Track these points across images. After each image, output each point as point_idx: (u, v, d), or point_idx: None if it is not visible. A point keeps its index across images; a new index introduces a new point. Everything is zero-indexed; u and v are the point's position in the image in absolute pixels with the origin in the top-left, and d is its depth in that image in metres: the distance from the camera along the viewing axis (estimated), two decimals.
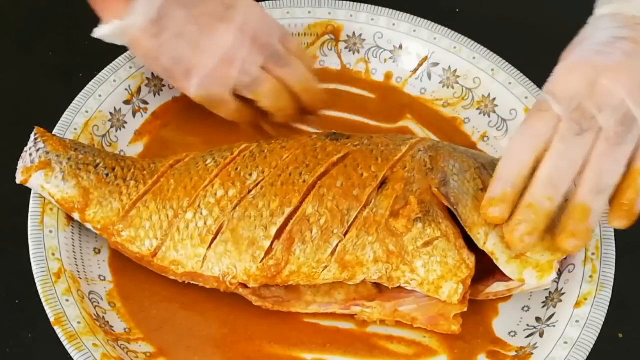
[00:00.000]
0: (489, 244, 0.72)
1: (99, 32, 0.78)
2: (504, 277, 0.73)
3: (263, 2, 0.90)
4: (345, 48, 0.92)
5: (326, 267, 0.73)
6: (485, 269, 0.73)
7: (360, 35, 0.92)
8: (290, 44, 0.82)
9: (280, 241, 0.73)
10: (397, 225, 0.72)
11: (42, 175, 0.75)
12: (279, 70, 0.80)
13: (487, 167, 0.76)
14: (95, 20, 0.78)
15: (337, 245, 0.73)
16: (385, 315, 0.75)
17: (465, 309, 0.73)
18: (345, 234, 0.73)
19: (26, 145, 0.77)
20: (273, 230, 0.73)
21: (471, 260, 0.72)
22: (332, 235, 0.73)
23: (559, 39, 0.96)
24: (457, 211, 0.72)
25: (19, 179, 0.76)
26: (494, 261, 0.72)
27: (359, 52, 0.93)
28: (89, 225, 0.76)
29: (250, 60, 0.78)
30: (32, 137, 0.77)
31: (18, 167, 0.76)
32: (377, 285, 0.75)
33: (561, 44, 0.95)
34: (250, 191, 0.75)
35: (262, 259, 0.73)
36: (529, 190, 0.66)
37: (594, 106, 0.63)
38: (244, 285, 0.74)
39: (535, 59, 0.75)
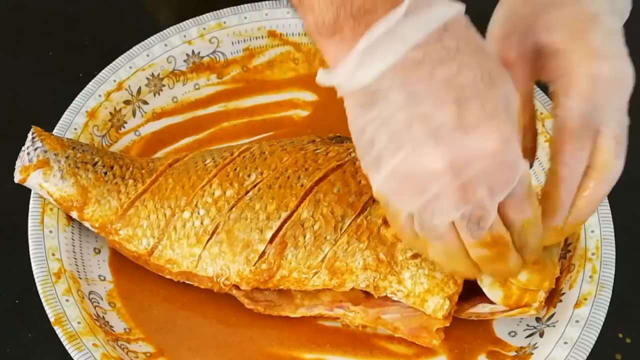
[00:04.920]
0: None
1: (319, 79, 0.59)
2: (490, 300, 0.72)
3: (263, 2, 0.90)
4: None
5: (316, 273, 0.73)
6: (473, 289, 0.72)
7: None
8: (518, 205, 0.59)
9: (272, 245, 0.73)
10: (387, 234, 0.72)
11: (40, 174, 0.75)
12: (466, 242, 0.60)
13: None
14: (95, 21, 0.77)
15: (328, 252, 0.73)
16: (368, 321, 0.74)
17: (448, 324, 0.73)
18: (336, 242, 0.73)
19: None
20: (268, 234, 0.73)
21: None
22: (324, 242, 0.73)
23: None
24: None
25: (17, 178, 0.76)
26: (478, 282, 0.71)
27: None
28: (87, 224, 0.76)
29: (444, 204, 0.57)
30: (30, 136, 0.77)
31: (16, 166, 0.76)
32: (364, 290, 0.75)
33: None
34: (247, 192, 0.74)
35: (256, 262, 0.73)
36: (580, 216, 0.64)
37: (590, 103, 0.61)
38: (238, 287, 0.74)
39: None
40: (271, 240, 0.73)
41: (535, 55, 0.63)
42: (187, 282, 0.75)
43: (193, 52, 0.89)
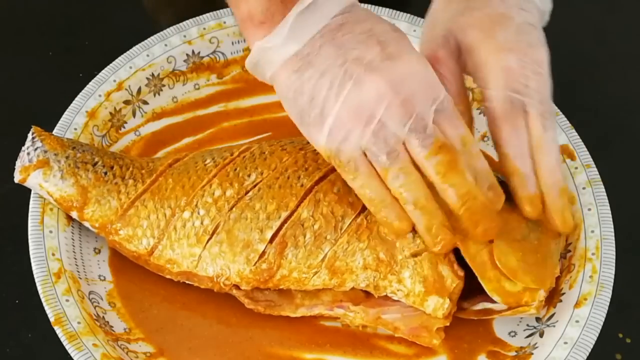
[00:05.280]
0: (477, 260, 0.71)
1: (248, 64, 0.69)
2: (490, 298, 0.72)
3: None
4: None
5: (316, 272, 0.73)
6: (474, 287, 0.72)
7: None
8: (450, 120, 0.67)
9: (272, 245, 0.73)
10: (387, 234, 0.72)
11: (40, 174, 0.75)
12: (420, 157, 0.66)
13: None
14: (95, 21, 0.78)
15: (328, 251, 0.73)
16: (368, 321, 0.74)
17: (448, 324, 0.73)
18: (337, 241, 0.73)
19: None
20: (269, 234, 0.73)
21: (460, 275, 0.72)
22: (324, 241, 0.73)
23: (559, 39, 0.96)
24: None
25: (17, 178, 0.76)
26: (479, 278, 0.71)
27: None
28: (87, 224, 0.76)
29: (391, 126, 0.65)
30: (30, 136, 0.77)
31: (16, 166, 0.76)
32: (365, 290, 0.75)
33: (562, 45, 0.95)
34: (247, 192, 0.74)
35: (256, 262, 0.73)
36: (551, 177, 0.70)
37: (516, 91, 0.70)
38: (238, 287, 0.74)
39: None
40: (271, 240, 0.73)
41: (458, 53, 0.73)
42: (187, 282, 0.75)
43: (193, 52, 0.89)
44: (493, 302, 0.72)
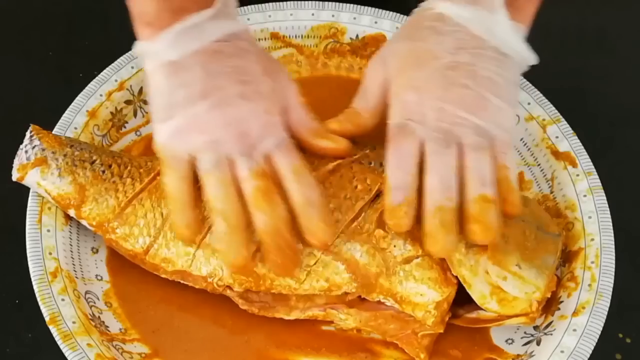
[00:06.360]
0: (464, 270, 0.71)
1: (134, 51, 0.74)
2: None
3: (267, 4, 0.90)
4: (349, 50, 0.92)
5: (307, 276, 0.72)
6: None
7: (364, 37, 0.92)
8: (286, 153, 0.72)
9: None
10: (381, 240, 0.72)
11: (38, 172, 0.75)
12: (242, 177, 0.70)
13: None
14: (96, 21, 0.77)
15: (320, 257, 0.72)
16: (360, 325, 0.74)
17: (441, 331, 0.72)
18: (329, 246, 0.72)
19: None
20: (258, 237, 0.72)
21: (453, 282, 0.71)
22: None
23: (561, 43, 0.96)
24: None
25: (15, 176, 0.76)
26: (466, 288, 0.71)
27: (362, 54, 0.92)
28: (84, 222, 0.76)
29: (226, 146, 0.71)
30: (28, 134, 0.77)
31: (14, 164, 0.76)
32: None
33: (563, 48, 0.95)
34: None
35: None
36: (430, 197, 0.70)
37: (451, 126, 0.71)
38: (231, 288, 0.74)
39: (538, 65, 0.75)
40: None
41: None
42: (182, 282, 0.75)
43: None
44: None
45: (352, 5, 0.91)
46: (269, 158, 0.71)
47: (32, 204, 0.77)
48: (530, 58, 0.74)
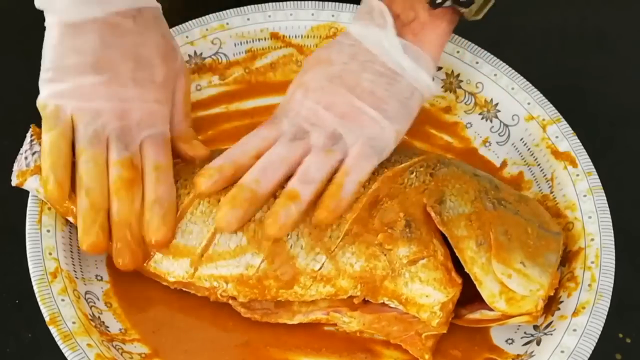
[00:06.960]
0: (476, 268, 0.71)
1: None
2: (489, 307, 0.72)
3: (267, 4, 0.90)
4: None
5: (313, 283, 0.72)
6: (472, 295, 0.72)
7: None
8: (155, 147, 0.74)
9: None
10: (384, 242, 0.72)
11: (37, 180, 0.74)
12: (110, 161, 0.72)
13: (489, 191, 0.75)
14: None
15: (324, 261, 0.72)
16: (364, 327, 0.74)
17: (445, 331, 0.72)
18: (333, 250, 0.72)
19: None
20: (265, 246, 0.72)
21: (457, 283, 0.71)
22: (320, 251, 0.72)
23: (561, 44, 0.96)
24: (447, 232, 0.71)
25: (14, 182, 0.75)
26: (477, 286, 0.71)
27: None
28: None
29: (105, 124, 0.73)
30: (28, 137, 0.76)
31: (13, 170, 0.76)
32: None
33: (564, 49, 0.95)
34: None
35: (252, 275, 0.72)
36: (245, 176, 0.72)
37: (310, 126, 0.74)
38: (235, 298, 0.73)
39: (538, 65, 0.75)
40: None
41: None
42: (184, 289, 0.75)
43: (195, 53, 0.89)
44: (491, 310, 0.72)
45: (352, 5, 0.91)
46: (142, 148, 0.74)
47: (32, 204, 0.76)
48: (423, 79, 0.76)
